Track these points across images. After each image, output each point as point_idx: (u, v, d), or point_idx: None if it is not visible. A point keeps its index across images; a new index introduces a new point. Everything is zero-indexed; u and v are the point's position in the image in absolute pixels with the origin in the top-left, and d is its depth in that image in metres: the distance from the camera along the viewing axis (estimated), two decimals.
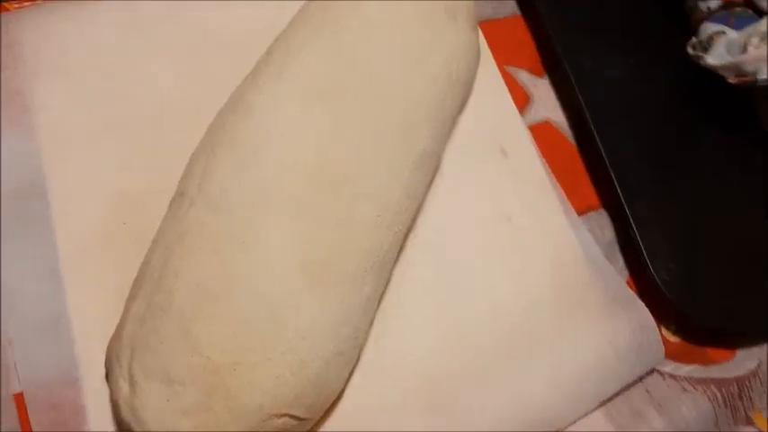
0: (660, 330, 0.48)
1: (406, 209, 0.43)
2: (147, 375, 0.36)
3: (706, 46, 0.53)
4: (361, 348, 0.42)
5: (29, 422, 0.39)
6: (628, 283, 0.50)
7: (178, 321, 0.36)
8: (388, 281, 0.44)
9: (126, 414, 0.36)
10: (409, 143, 0.43)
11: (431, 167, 0.46)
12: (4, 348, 0.41)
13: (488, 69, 0.54)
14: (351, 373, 0.42)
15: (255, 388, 0.36)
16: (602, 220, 0.52)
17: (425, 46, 0.45)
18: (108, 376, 0.38)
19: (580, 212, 0.51)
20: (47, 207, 0.44)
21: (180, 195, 0.41)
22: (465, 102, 0.51)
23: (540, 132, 0.53)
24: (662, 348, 0.46)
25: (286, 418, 0.37)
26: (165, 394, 0.35)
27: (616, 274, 0.48)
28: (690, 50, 0.53)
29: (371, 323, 0.43)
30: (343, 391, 0.42)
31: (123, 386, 0.37)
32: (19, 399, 0.40)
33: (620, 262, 0.51)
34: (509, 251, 0.48)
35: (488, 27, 0.56)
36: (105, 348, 0.39)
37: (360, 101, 0.42)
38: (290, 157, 0.40)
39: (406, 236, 0.46)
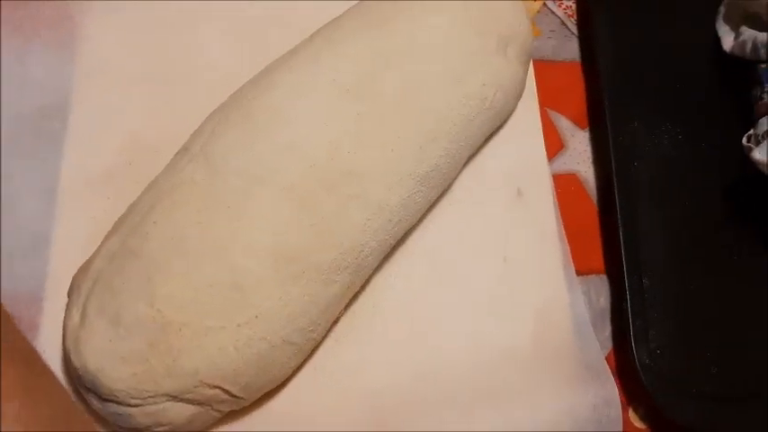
0: (628, 411, 0.47)
1: (400, 220, 0.43)
2: (99, 312, 0.37)
3: (759, 140, 0.51)
4: (316, 344, 0.42)
5: None
6: (609, 354, 0.48)
7: (144, 268, 0.37)
8: (363, 286, 0.44)
9: (69, 343, 0.37)
10: (422, 156, 0.43)
11: (438, 186, 0.46)
12: None
13: (528, 107, 0.53)
14: (300, 368, 0.42)
15: (197, 352, 0.36)
16: (600, 285, 0.50)
17: (467, 66, 0.45)
18: (67, 303, 0.39)
19: (582, 272, 0.50)
20: (63, 132, 0.46)
21: (184, 150, 0.42)
22: (494, 131, 0.50)
23: (564, 183, 0.52)
24: (620, 429, 0.44)
25: (218, 391, 0.37)
26: (110, 335, 0.36)
27: (596, 343, 0.47)
28: (744, 141, 0.51)
29: (335, 323, 0.43)
30: (287, 383, 0.42)
31: (75, 316, 0.37)
32: None
33: (607, 332, 0.49)
34: (496, 290, 0.47)
35: (543, 66, 0.55)
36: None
37: (386, 103, 0.42)
38: (299, 142, 0.40)
39: (395, 247, 0.45)
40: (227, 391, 0.37)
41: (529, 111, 0.53)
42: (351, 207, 0.41)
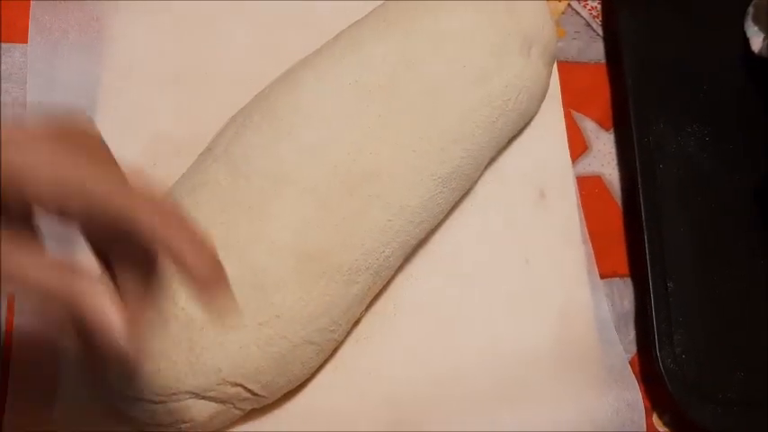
0: (652, 416, 0.46)
1: (421, 221, 0.43)
2: None
3: None
4: (337, 344, 0.42)
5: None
6: (633, 359, 0.48)
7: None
8: (385, 287, 0.44)
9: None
10: (444, 158, 0.43)
11: (459, 187, 0.46)
12: None
13: (553, 109, 0.52)
14: (321, 367, 0.42)
15: (219, 350, 0.36)
16: (625, 288, 0.50)
17: (489, 67, 0.45)
18: None
19: (606, 275, 0.50)
20: None
21: (208, 150, 0.42)
22: (517, 132, 0.50)
23: (588, 185, 0.52)
24: None
25: (240, 389, 0.37)
26: None
27: (619, 346, 0.47)
28: None
29: (356, 323, 0.43)
30: (308, 382, 0.42)
31: None
32: (10, 301, 0.42)
33: (631, 335, 0.49)
34: (518, 292, 0.47)
35: (567, 68, 0.55)
36: None
37: (408, 104, 0.42)
38: (321, 143, 0.40)
39: (416, 248, 0.45)
40: (248, 390, 0.38)
41: (552, 112, 0.53)
42: (372, 208, 0.41)
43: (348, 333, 0.44)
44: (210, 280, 0.27)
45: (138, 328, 0.26)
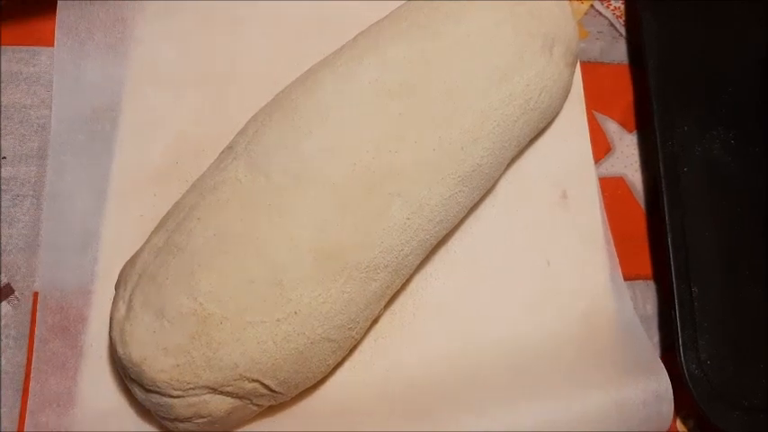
0: (675, 421, 0.46)
1: (441, 220, 0.43)
2: (144, 304, 0.38)
3: None
4: (355, 342, 0.42)
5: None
6: None
7: (187, 263, 0.38)
8: (404, 285, 0.44)
9: (115, 334, 0.38)
10: (464, 156, 0.43)
11: (480, 186, 0.45)
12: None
13: (575, 109, 0.52)
14: (339, 365, 0.43)
15: (236, 346, 0.37)
16: (648, 291, 0.49)
17: (511, 66, 0.45)
18: (114, 296, 0.40)
19: (628, 278, 0.49)
20: (114, 132, 0.47)
21: (229, 148, 0.43)
22: (538, 132, 0.50)
23: (611, 186, 0.52)
24: (668, 424, 0.43)
25: (257, 385, 0.38)
26: (154, 327, 0.37)
27: (647, 341, 0.45)
28: None
29: (375, 321, 0.44)
30: (326, 380, 0.42)
31: (121, 308, 0.38)
32: (36, 297, 0.43)
33: (655, 339, 0.48)
34: (539, 293, 0.47)
35: (590, 68, 0.54)
36: None
37: (429, 103, 0.42)
38: (342, 142, 0.41)
39: (436, 247, 0.45)
40: (265, 386, 0.38)
41: (575, 112, 0.52)
42: (392, 206, 0.41)
43: (367, 332, 0.44)
44: None
45: None
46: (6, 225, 0.45)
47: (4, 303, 0.44)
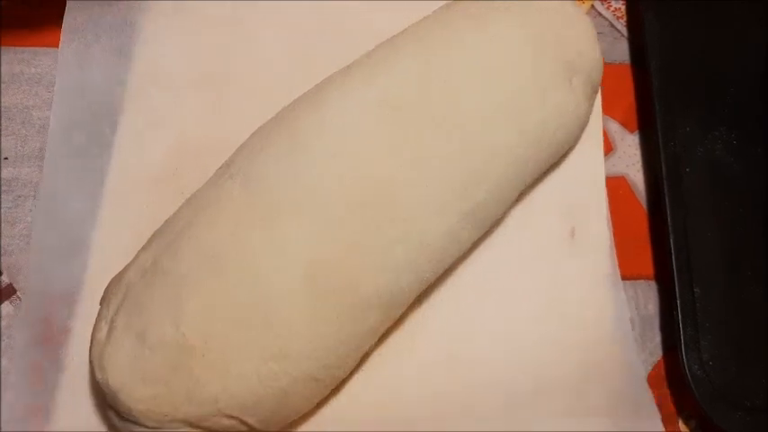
0: (678, 422, 0.44)
1: (440, 259, 0.38)
2: (126, 327, 0.34)
3: None
4: (341, 380, 0.38)
5: None
6: (658, 363, 0.45)
7: (175, 287, 0.34)
8: (400, 320, 0.40)
9: (95, 356, 0.34)
10: (469, 192, 0.38)
11: (484, 224, 0.40)
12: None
13: (592, 142, 0.47)
14: (326, 398, 0.38)
15: (218, 380, 0.33)
16: (649, 291, 0.46)
17: (527, 99, 0.40)
18: (98, 313, 0.36)
19: (630, 277, 0.46)
20: (113, 136, 0.44)
21: (226, 166, 0.38)
22: (551, 166, 0.45)
23: (613, 186, 0.48)
24: None
25: (236, 422, 0.34)
26: (134, 353, 0.33)
27: (645, 386, 0.42)
28: None
29: (367, 356, 0.39)
30: (312, 413, 0.38)
31: (103, 328, 0.35)
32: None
33: (657, 339, 0.45)
34: (539, 333, 0.43)
35: None
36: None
37: (438, 131, 0.38)
38: (343, 167, 0.36)
39: (437, 281, 0.41)
40: (245, 423, 0.34)
41: (591, 146, 0.47)
42: (391, 241, 0.36)
43: (358, 365, 0.39)
44: None
45: None
46: (8, 226, 0.42)
47: (5, 304, 0.41)
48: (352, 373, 0.39)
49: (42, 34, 0.47)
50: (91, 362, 0.35)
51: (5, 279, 0.42)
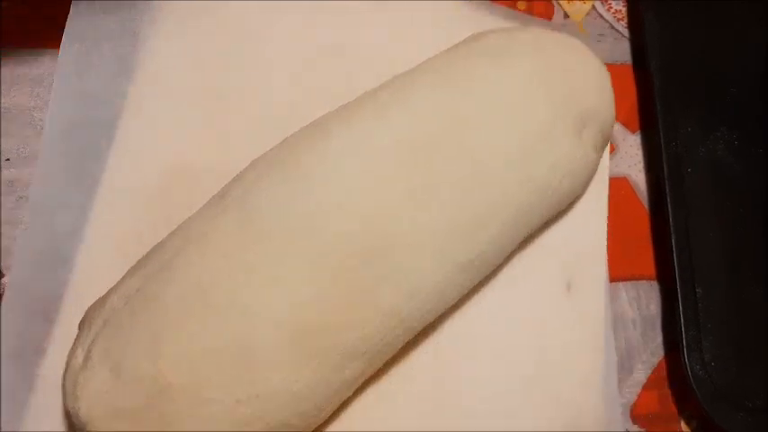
0: (679, 422, 0.44)
1: (432, 308, 0.37)
2: (102, 357, 0.33)
3: None
4: (316, 426, 0.36)
5: None
6: (660, 363, 0.45)
7: (156, 320, 0.33)
8: (385, 367, 0.39)
9: (68, 383, 0.33)
10: (469, 242, 0.37)
11: (480, 273, 0.39)
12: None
13: (597, 194, 0.46)
14: None
15: (189, 422, 0.32)
16: (651, 292, 0.46)
17: (535, 146, 0.39)
18: (76, 337, 0.35)
19: (632, 277, 0.46)
20: (108, 151, 0.42)
21: (221, 196, 0.37)
22: (554, 216, 0.44)
23: (615, 186, 0.47)
24: None
25: None
26: (108, 385, 0.32)
27: None
28: None
29: (348, 402, 0.38)
30: None
31: (80, 355, 0.33)
32: None
33: (658, 339, 0.45)
34: (525, 391, 0.41)
35: None
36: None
37: (440, 178, 0.36)
38: (341, 208, 0.35)
39: (425, 329, 0.39)
40: None
41: (597, 198, 0.46)
42: (381, 288, 0.35)
43: (335, 414, 0.37)
44: None
45: None
46: (9, 227, 0.42)
47: None
48: (330, 420, 0.37)
49: (44, 35, 0.47)
50: (63, 387, 0.34)
51: (6, 281, 0.41)
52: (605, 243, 0.45)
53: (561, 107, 0.40)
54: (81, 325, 0.35)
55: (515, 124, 0.39)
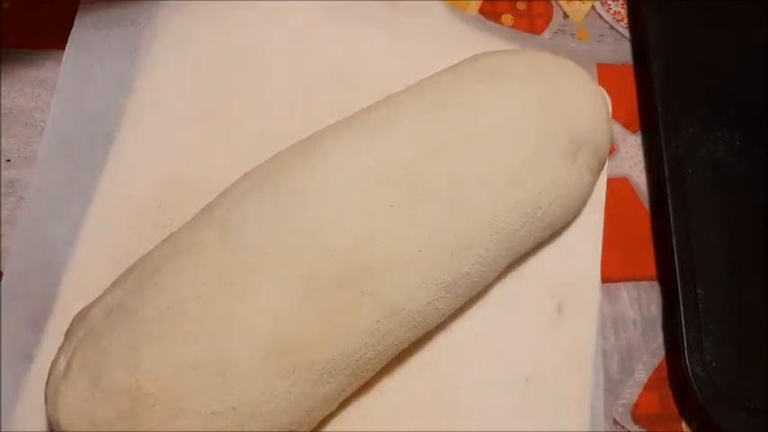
0: (680, 423, 0.44)
1: (414, 326, 0.37)
2: (82, 367, 0.33)
3: None
4: None
5: None
6: (661, 363, 0.45)
7: (135, 333, 0.33)
8: (368, 383, 0.38)
9: (49, 392, 0.33)
10: (452, 262, 0.36)
11: (464, 294, 0.39)
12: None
13: (592, 218, 0.45)
14: None
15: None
16: (652, 292, 0.46)
17: (524, 168, 0.38)
18: (61, 344, 0.35)
19: (634, 278, 0.46)
20: (104, 163, 0.43)
21: (208, 209, 0.37)
22: (544, 240, 0.43)
23: (615, 187, 0.47)
24: None
25: None
26: (86, 395, 0.32)
27: None
28: None
29: (330, 417, 0.38)
30: None
31: (61, 363, 0.34)
32: None
33: (659, 340, 0.45)
34: (510, 416, 0.41)
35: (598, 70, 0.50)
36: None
37: (425, 199, 0.36)
38: (323, 229, 0.34)
39: (411, 345, 0.39)
40: None
41: (591, 221, 0.45)
42: (362, 306, 0.35)
43: (318, 426, 0.37)
44: None
45: None
46: (10, 227, 0.42)
47: None
48: None
49: (45, 36, 0.47)
50: (45, 395, 0.34)
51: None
52: (599, 268, 0.44)
53: (555, 130, 0.39)
54: (67, 334, 0.35)
55: (505, 146, 0.38)
